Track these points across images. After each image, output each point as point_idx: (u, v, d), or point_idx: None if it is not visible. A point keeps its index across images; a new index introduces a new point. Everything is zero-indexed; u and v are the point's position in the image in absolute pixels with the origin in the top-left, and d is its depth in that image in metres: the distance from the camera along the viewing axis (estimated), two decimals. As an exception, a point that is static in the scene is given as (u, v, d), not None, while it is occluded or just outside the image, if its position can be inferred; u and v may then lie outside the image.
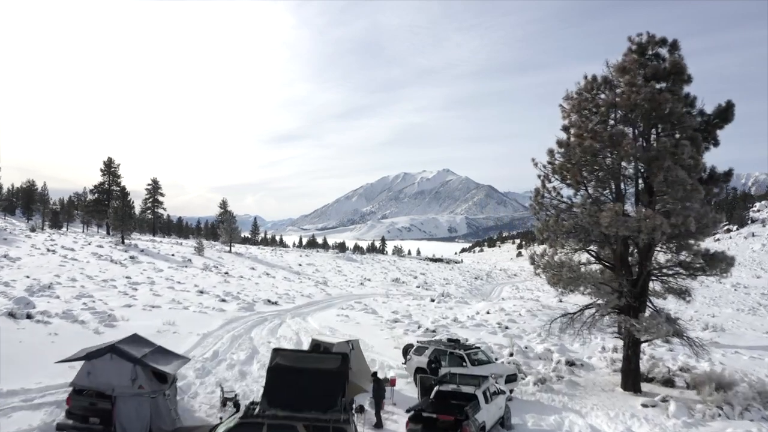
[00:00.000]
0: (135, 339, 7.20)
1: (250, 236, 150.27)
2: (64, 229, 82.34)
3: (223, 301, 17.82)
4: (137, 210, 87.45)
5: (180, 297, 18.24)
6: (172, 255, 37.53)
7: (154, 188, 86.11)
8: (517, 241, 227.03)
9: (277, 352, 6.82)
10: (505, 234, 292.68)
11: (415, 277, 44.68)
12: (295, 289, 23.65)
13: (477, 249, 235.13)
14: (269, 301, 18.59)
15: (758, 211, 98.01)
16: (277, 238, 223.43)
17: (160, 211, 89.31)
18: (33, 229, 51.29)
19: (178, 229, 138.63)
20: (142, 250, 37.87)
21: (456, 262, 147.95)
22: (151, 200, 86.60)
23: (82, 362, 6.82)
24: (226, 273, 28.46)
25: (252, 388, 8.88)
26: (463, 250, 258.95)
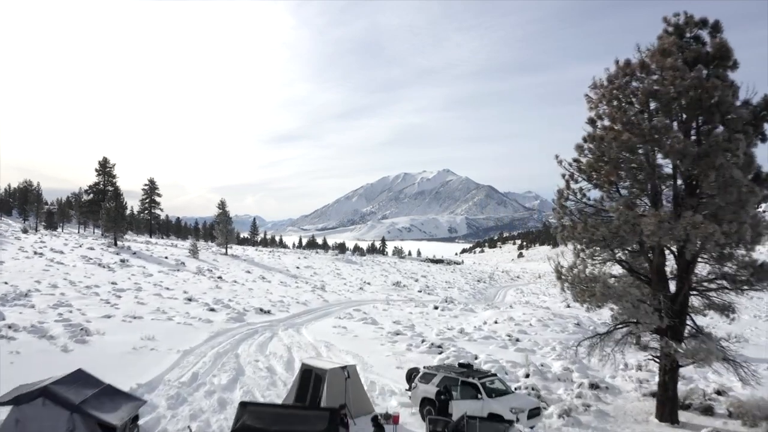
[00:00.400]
0: (77, 377, 5.90)
1: (249, 237, 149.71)
2: (60, 230, 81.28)
3: (212, 310, 16.55)
4: (136, 210, 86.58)
5: (166, 305, 16.99)
6: (165, 258, 36.28)
7: (151, 189, 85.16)
8: (518, 241, 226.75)
9: (244, 407, 5.43)
10: (505, 235, 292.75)
11: (416, 280, 43.41)
12: (290, 296, 22.39)
13: (478, 250, 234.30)
14: (262, 309, 17.31)
15: (764, 212, 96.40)
16: (277, 238, 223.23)
17: (157, 211, 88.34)
18: (25, 231, 50.09)
19: (176, 229, 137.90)
20: (135, 253, 36.66)
21: (457, 264, 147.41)
22: (148, 201, 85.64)
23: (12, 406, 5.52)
24: (219, 277, 27.21)
25: (231, 423, 7.62)
26: (464, 251, 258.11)
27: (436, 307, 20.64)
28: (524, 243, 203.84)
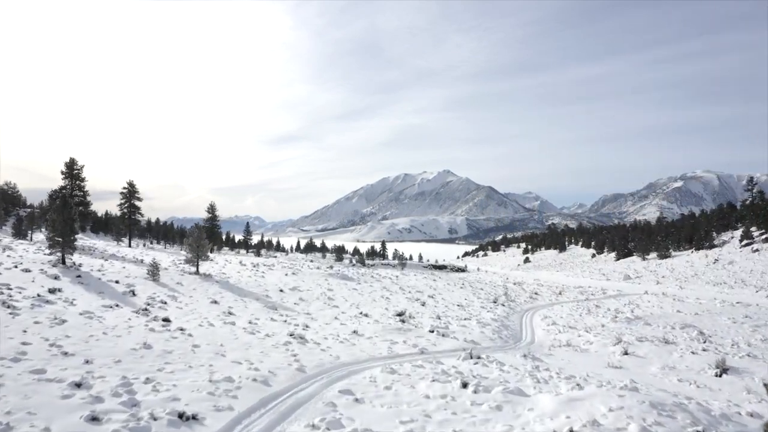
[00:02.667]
0: None
1: (243, 240, 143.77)
2: (29, 238, 74.71)
3: (95, 420, 9.72)
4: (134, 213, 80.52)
5: (24, 406, 10.20)
6: (116, 282, 29.43)
7: (130, 192, 78.98)
8: (523, 245, 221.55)
9: None
10: (509, 237, 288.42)
11: (423, 304, 36.56)
12: (250, 360, 15.45)
13: (481, 253, 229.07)
14: (182, 416, 10.38)
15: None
16: (275, 240, 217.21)
17: (137, 216, 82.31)
18: (-31, 243, 43.23)
19: (164, 233, 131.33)
20: (79, 276, 29.79)
21: (461, 270, 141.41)
22: (127, 205, 79.42)
23: None
24: (165, 320, 20.36)
25: None
26: (466, 254, 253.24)
27: (464, 384, 13.74)
28: (529, 246, 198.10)
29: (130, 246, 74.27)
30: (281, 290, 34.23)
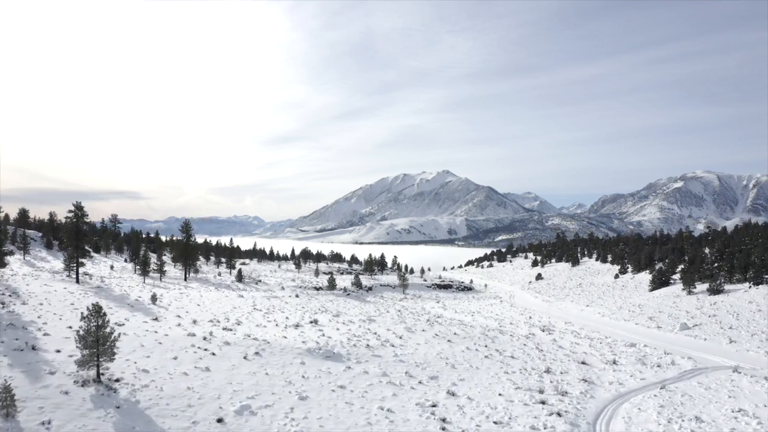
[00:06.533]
0: None
1: (231, 247, 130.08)
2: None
3: None
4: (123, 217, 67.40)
5: None
6: None
7: (77, 216, 65.68)
8: (530, 255, 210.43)
9: None
10: (512, 240, 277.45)
11: (444, 427, 24.10)
12: None
13: (486, 263, 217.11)
14: None
15: None
16: (268, 249, 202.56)
17: (86, 245, 68.82)
18: None
19: (136, 243, 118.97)
20: None
21: (468, 289, 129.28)
22: (74, 231, 66.37)
23: None
24: None
25: None
26: (469, 263, 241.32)
27: None
28: (538, 258, 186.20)
29: (77, 281, 61.49)
30: (220, 419, 21.60)
